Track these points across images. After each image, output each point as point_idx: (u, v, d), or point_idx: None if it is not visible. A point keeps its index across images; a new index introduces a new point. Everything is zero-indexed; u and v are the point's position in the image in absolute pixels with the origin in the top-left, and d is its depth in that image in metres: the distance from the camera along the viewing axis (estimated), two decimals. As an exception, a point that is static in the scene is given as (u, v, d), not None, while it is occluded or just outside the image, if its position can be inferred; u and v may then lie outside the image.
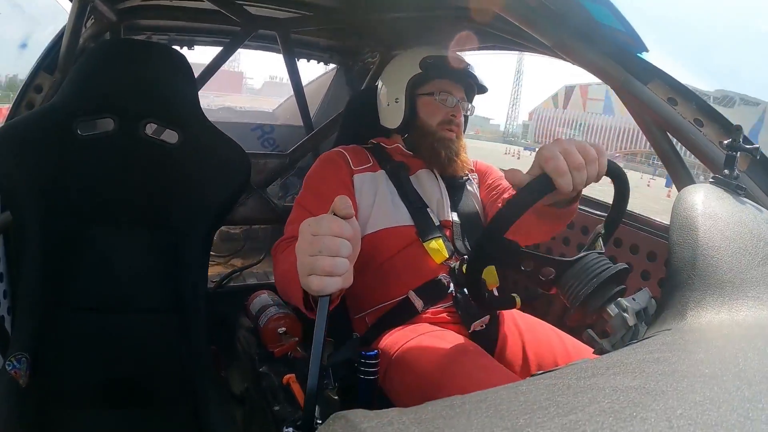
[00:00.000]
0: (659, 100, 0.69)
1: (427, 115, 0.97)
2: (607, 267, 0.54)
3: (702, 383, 0.32)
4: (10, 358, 0.80)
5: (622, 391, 0.32)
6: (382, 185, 0.93)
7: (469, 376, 0.67)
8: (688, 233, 0.47)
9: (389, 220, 0.90)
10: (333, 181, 0.91)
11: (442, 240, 0.90)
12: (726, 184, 0.55)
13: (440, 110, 0.96)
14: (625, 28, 0.72)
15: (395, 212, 0.91)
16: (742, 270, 0.43)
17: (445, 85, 0.97)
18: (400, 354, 0.77)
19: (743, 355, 0.35)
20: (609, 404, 0.30)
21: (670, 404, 0.30)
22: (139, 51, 1.00)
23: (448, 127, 0.96)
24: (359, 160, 0.95)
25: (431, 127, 0.96)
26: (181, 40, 1.57)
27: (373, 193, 0.91)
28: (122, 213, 0.95)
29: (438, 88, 0.96)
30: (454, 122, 0.96)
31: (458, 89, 0.98)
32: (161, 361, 0.93)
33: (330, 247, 0.45)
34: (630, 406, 0.30)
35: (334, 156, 0.96)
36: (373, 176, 0.94)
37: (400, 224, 0.90)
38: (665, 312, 0.44)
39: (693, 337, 0.39)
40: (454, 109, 0.96)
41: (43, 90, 1.06)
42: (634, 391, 0.32)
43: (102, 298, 0.92)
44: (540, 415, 0.30)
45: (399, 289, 0.87)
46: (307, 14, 1.31)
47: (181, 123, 0.97)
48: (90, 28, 1.13)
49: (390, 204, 0.91)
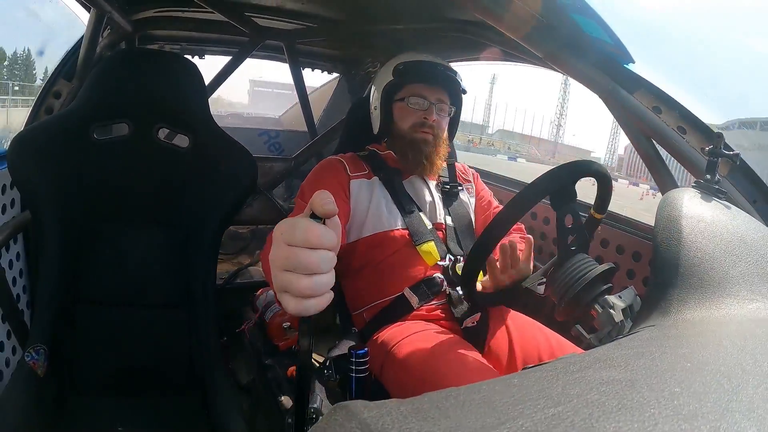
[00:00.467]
0: (644, 109, 0.70)
1: (400, 120, 0.96)
2: (594, 267, 0.54)
3: (684, 376, 0.32)
4: (29, 349, 0.80)
5: (608, 384, 0.32)
6: (376, 191, 0.93)
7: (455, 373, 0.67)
8: (671, 234, 0.47)
9: (384, 224, 0.90)
10: (330, 183, 0.91)
11: (434, 243, 0.90)
12: (707, 189, 0.55)
13: (412, 114, 0.95)
14: (612, 40, 0.72)
15: (389, 217, 0.91)
16: (722, 269, 0.43)
17: (418, 89, 0.95)
18: (396, 350, 0.78)
19: (723, 349, 0.36)
20: (596, 396, 0.31)
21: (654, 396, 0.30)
22: (152, 60, 1.01)
23: (422, 129, 0.94)
24: (355, 167, 0.95)
25: (403, 131, 0.95)
26: (193, 50, 1.57)
27: (368, 198, 0.92)
28: (136, 213, 0.96)
29: (410, 93, 0.95)
30: (427, 124, 0.94)
31: (433, 92, 0.95)
32: (172, 352, 0.94)
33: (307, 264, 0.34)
34: (616, 398, 0.30)
35: (332, 162, 0.97)
36: (368, 183, 0.94)
37: (393, 228, 0.90)
38: (649, 309, 0.44)
39: (676, 333, 0.39)
40: (426, 112, 0.94)
41: (61, 96, 1.07)
42: (620, 384, 0.32)
43: (116, 292, 0.93)
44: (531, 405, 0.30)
45: (395, 287, 0.87)
46: (312, 26, 1.32)
47: (192, 128, 0.98)
48: (106, 38, 1.13)
49: (384, 209, 0.91)
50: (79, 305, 0.90)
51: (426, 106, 0.94)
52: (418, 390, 0.67)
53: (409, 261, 0.88)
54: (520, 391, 0.33)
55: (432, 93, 0.95)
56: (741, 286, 0.42)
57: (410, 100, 0.95)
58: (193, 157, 0.97)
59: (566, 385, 0.33)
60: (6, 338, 0.94)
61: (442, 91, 0.96)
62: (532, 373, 0.37)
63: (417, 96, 0.95)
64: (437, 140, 0.95)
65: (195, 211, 0.97)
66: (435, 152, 0.94)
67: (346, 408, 0.31)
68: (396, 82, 0.96)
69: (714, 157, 0.56)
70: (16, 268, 1.00)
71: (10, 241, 0.96)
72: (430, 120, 0.94)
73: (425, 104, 0.94)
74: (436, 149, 0.95)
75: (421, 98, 0.95)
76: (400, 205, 0.92)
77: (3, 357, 0.92)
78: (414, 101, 0.95)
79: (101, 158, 0.93)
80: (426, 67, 0.96)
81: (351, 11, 1.22)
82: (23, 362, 0.79)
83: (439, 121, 0.95)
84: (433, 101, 0.95)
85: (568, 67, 0.76)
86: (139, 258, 0.95)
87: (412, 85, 0.95)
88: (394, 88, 0.97)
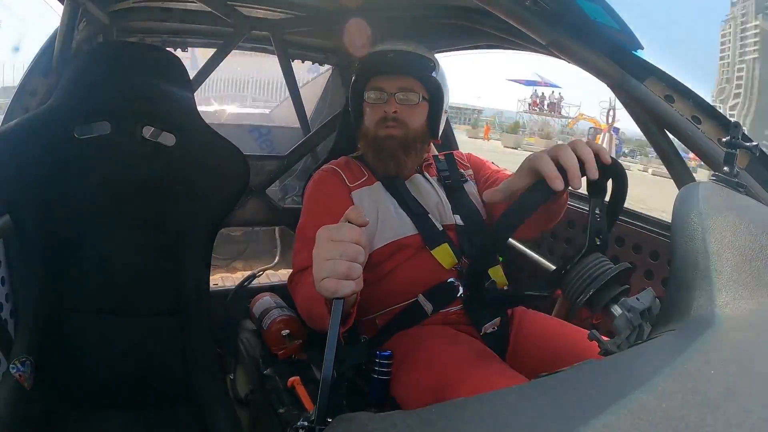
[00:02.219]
0: (656, 98, 0.69)
1: (366, 118, 0.92)
2: (609, 267, 0.54)
3: (710, 384, 0.32)
4: (14, 361, 0.79)
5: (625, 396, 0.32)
6: (381, 198, 0.90)
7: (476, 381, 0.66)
8: (689, 231, 0.46)
9: (395, 232, 0.88)
10: (331, 203, 0.88)
11: (448, 245, 0.87)
12: (726, 182, 0.55)
13: (373, 110, 0.90)
14: (620, 26, 0.71)
15: (400, 224, 0.88)
16: (745, 268, 0.43)
17: (377, 81, 0.90)
18: (412, 356, 0.77)
19: (751, 353, 0.35)
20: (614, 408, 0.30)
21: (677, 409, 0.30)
22: (133, 53, 0.99)
23: (384, 125, 0.89)
24: (354, 175, 0.93)
25: (369, 130, 0.91)
26: (175, 42, 1.54)
27: (374, 207, 0.89)
28: (122, 215, 0.94)
29: (369, 87, 0.91)
30: (389, 117, 0.88)
31: (393, 81, 0.89)
32: (165, 362, 0.93)
33: (349, 252, 0.48)
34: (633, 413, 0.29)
35: (327, 176, 0.93)
36: (370, 190, 0.91)
37: (405, 235, 0.88)
38: (670, 312, 0.43)
39: (698, 337, 0.39)
40: (386, 104, 0.89)
41: (37, 94, 1.05)
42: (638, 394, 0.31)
43: (103, 300, 0.92)
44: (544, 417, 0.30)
45: (408, 293, 0.86)
46: (300, 15, 1.30)
47: (177, 125, 0.96)
48: (82, 31, 1.11)
49: (393, 216, 0.88)
50: (65, 314, 0.89)
51: (385, 98, 0.89)
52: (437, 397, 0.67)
53: (422, 266, 0.87)
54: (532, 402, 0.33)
55: (391, 83, 0.89)
56: (764, 285, 0.42)
57: (368, 95, 0.91)
58: (179, 156, 0.96)
59: (582, 398, 0.33)
60: None
61: (405, 78, 0.90)
62: (546, 382, 0.36)
63: (374, 89, 0.90)
64: (407, 134, 0.89)
65: (184, 214, 0.96)
66: (402, 149, 0.89)
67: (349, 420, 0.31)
68: (358, 79, 0.93)
69: (732, 148, 0.56)
70: None
71: None
72: (390, 112, 0.88)
73: (384, 96, 0.89)
74: (405, 145, 0.89)
75: (378, 91, 0.90)
76: (407, 209, 0.89)
77: None
78: (372, 96, 0.91)
79: (83, 159, 0.91)
80: (379, 57, 0.91)
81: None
82: (8, 374, 0.79)
83: (405, 112, 0.89)
84: (392, 91, 0.89)
85: (574, 55, 0.75)
86: (127, 263, 0.93)
87: (373, 79, 0.91)
88: (359, 86, 0.93)
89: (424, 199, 0.92)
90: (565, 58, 0.79)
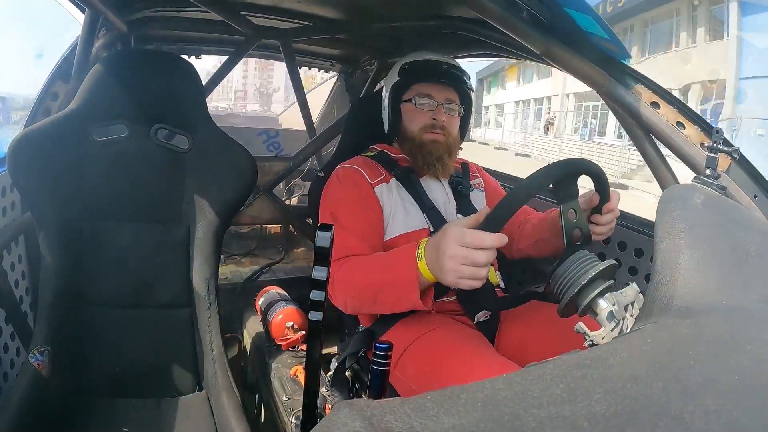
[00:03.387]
0: (643, 104, 0.69)
1: (409, 121, 0.93)
2: (595, 263, 0.54)
3: (689, 374, 0.32)
4: (33, 350, 0.80)
5: (610, 382, 0.32)
6: (395, 193, 0.91)
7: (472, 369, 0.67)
8: (671, 230, 0.47)
9: (405, 225, 0.89)
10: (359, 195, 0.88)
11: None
12: (707, 184, 0.55)
13: (420, 115, 0.92)
14: (609, 36, 0.72)
15: (409, 217, 0.89)
16: (724, 264, 0.43)
17: (425, 88, 0.92)
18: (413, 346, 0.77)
19: (729, 345, 0.35)
20: (599, 395, 0.30)
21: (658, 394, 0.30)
22: (149, 60, 1.00)
23: (432, 131, 0.91)
24: (373, 173, 0.93)
25: (413, 133, 0.92)
26: (189, 50, 1.55)
27: (390, 203, 0.90)
28: (137, 213, 0.95)
29: (417, 93, 0.93)
30: (437, 125, 0.91)
31: (441, 91, 0.92)
32: (176, 352, 0.94)
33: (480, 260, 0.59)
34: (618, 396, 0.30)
35: (351, 172, 0.93)
36: (387, 186, 0.92)
37: (415, 228, 0.89)
38: (652, 306, 0.44)
39: (678, 330, 0.39)
40: (435, 112, 0.91)
41: (59, 98, 1.06)
42: (622, 382, 0.32)
43: (119, 293, 0.92)
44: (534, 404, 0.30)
45: None
46: (309, 24, 1.30)
47: (190, 128, 0.97)
48: (102, 39, 1.12)
49: (403, 210, 0.90)
50: (82, 307, 0.90)
51: (434, 106, 0.92)
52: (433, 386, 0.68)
53: None
54: (523, 389, 0.33)
55: (440, 92, 0.92)
56: (742, 281, 0.42)
57: (417, 100, 0.92)
58: (192, 158, 0.97)
59: (570, 384, 0.33)
60: (10, 340, 0.94)
61: (450, 89, 0.93)
62: (535, 371, 0.37)
63: (424, 96, 0.92)
64: (449, 140, 0.92)
65: (196, 211, 0.97)
66: (447, 153, 0.92)
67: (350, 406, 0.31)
68: (402, 82, 0.94)
69: (713, 152, 0.56)
70: (18, 270, 0.99)
71: (11, 244, 0.96)
72: (440, 120, 0.91)
73: (433, 104, 0.92)
74: (448, 150, 0.92)
75: (428, 98, 0.92)
76: (420, 202, 0.91)
77: (7, 359, 0.92)
78: (421, 101, 0.92)
79: (101, 159, 0.92)
80: (431, 66, 0.93)
81: (347, 9, 1.20)
82: (27, 364, 0.79)
83: (449, 121, 0.93)
84: (441, 101, 0.92)
85: (566, 64, 0.75)
86: (142, 259, 0.94)
87: (419, 84, 0.93)
88: (401, 88, 0.94)
89: (434, 196, 0.94)
90: (558, 66, 0.79)
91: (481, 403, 0.31)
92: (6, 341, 0.92)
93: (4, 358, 0.90)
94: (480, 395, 0.32)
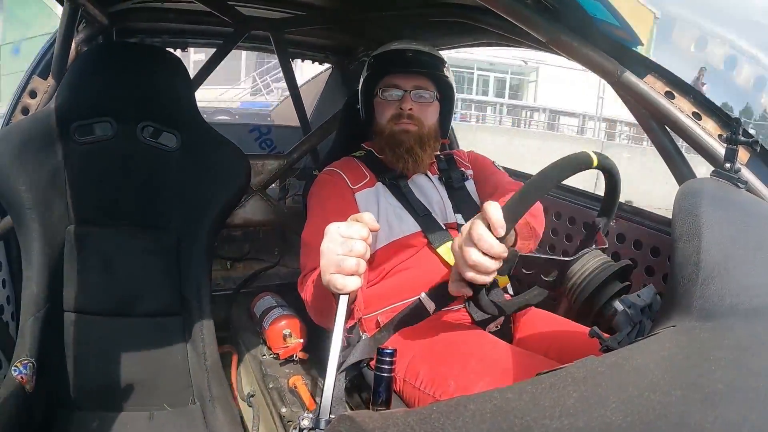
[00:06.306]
0: (656, 94, 0.68)
1: (379, 115, 0.94)
2: (609, 264, 0.54)
3: (710, 381, 0.32)
4: (16, 363, 0.80)
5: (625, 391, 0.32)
6: (382, 198, 0.91)
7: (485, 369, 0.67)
8: (690, 228, 0.46)
9: (396, 232, 0.88)
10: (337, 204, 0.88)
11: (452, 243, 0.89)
12: (727, 178, 0.54)
13: (388, 106, 0.92)
14: (619, 23, 0.71)
15: (400, 224, 0.89)
16: (745, 264, 0.43)
17: (392, 79, 0.92)
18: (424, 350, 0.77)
19: (751, 350, 0.35)
20: (615, 404, 0.30)
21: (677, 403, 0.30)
22: (133, 54, 0.99)
23: (400, 121, 0.91)
24: (355, 177, 0.93)
25: (383, 126, 0.93)
26: (174, 43, 1.54)
27: (375, 209, 0.90)
28: (123, 217, 0.95)
29: (384, 84, 0.93)
30: (404, 114, 0.90)
31: (408, 79, 0.92)
32: (167, 363, 0.94)
33: (359, 249, 0.51)
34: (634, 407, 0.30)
35: (330, 178, 0.93)
36: (373, 191, 0.92)
37: (407, 234, 0.88)
38: (670, 308, 0.43)
39: (698, 334, 0.39)
40: (401, 101, 0.91)
41: (37, 95, 1.05)
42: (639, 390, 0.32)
43: (105, 301, 0.92)
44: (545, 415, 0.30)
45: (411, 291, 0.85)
46: (300, 14, 1.29)
47: (178, 125, 0.97)
48: (82, 32, 1.11)
49: (393, 216, 0.89)
50: (67, 315, 0.89)
51: (400, 95, 0.91)
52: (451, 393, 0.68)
53: (425, 265, 0.87)
54: (534, 399, 0.33)
55: (406, 81, 0.92)
56: (766, 281, 0.42)
57: (384, 92, 0.93)
58: (181, 157, 0.96)
59: (583, 393, 0.33)
60: None
61: (419, 77, 0.92)
62: (547, 380, 0.36)
63: (390, 87, 0.92)
64: (421, 130, 0.91)
65: (186, 214, 0.96)
66: (418, 144, 0.91)
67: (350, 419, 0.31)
68: (371, 76, 0.94)
69: (732, 144, 0.56)
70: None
71: None
72: (406, 109, 0.90)
73: (399, 94, 0.91)
74: (420, 140, 0.91)
75: (394, 88, 0.92)
76: (411, 209, 0.90)
77: None
78: (387, 93, 0.92)
79: (84, 159, 0.91)
80: (396, 56, 0.93)
81: (341, -3, 1.20)
82: (10, 377, 0.79)
83: (420, 110, 0.92)
84: (407, 89, 0.91)
85: (574, 52, 0.75)
86: (129, 265, 0.94)
87: (387, 77, 0.93)
88: (371, 83, 0.95)
89: (426, 197, 0.93)
90: (565, 55, 0.79)
91: (490, 413, 0.31)
92: None
93: None
94: (489, 406, 0.32)
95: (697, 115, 0.66)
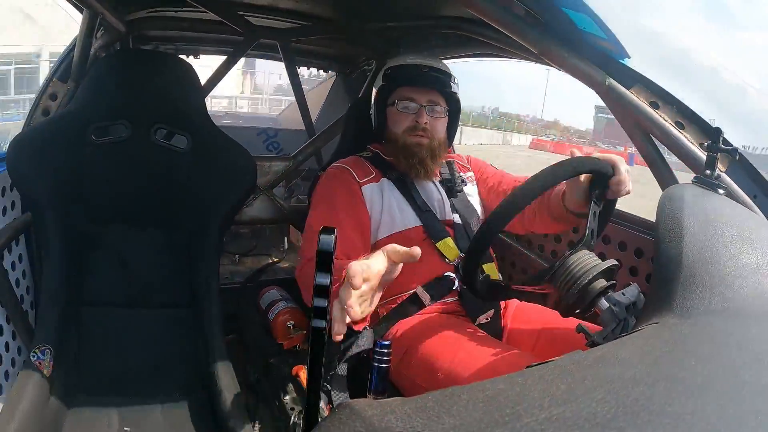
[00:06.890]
0: (642, 104, 0.69)
1: (393, 124, 0.95)
2: (596, 264, 0.54)
3: (690, 374, 0.32)
4: (35, 349, 0.80)
5: (611, 383, 0.32)
6: (387, 193, 0.92)
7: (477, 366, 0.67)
8: (672, 230, 0.46)
9: (397, 225, 0.89)
10: (344, 193, 0.89)
11: (451, 239, 0.90)
12: (707, 184, 0.55)
13: (403, 118, 0.93)
14: (607, 36, 0.71)
15: (402, 217, 0.90)
16: (724, 265, 0.43)
17: (407, 92, 0.93)
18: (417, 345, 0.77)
19: (729, 345, 0.35)
20: (600, 395, 0.30)
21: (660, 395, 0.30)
22: (148, 60, 1.00)
23: (415, 133, 0.92)
24: (363, 173, 0.94)
25: (397, 135, 0.94)
26: (187, 50, 1.55)
27: (380, 201, 0.91)
28: (137, 213, 0.95)
29: (399, 96, 0.94)
30: (419, 127, 0.92)
31: (423, 94, 0.93)
32: (178, 352, 0.94)
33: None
34: (619, 396, 0.30)
35: (339, 172, 0.94)
36: (377, 186, 0.93)
37: (408, 227, 0.90)
38: (653, 306, 0.43)
39: (679, 330, 0.39)
40: (416, 115, 0.92)
41: (57, 98, 1.05)
42: (623, 382, 0.32)
43: (120, 294, 0.92)
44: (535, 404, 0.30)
45: (408, 284, 0.86)
46: (307, 24, 1.30)
47: (190, 128, 0.97)
48: (100, 39, 1.11)
49: (396, 210, 0.91)
50: (83, 306, 0.90)
51: (416, 109, 0.93)
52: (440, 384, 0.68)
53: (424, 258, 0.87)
54: (524, 389, 0.33)
55: (421, 95, 0.93)
56: (743, 281, 0.42)
57: (400, 103, 0.94)
58: (192, 158, 0.97)
59: (571, 384, 0.33)
60: (11, 339, 0.94)
61: (432, 92, 0.94)
62: (537, 372, 0.36)
63: (406, 99, 0.93)
64: (432, 143, 0.93)
65: (196, 212, 0.96)
66: (430, 156, 0.93)
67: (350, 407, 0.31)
68: (386, 86, 0.95)
69: (713, 152, 0.56)
70: (19, 269, 0.99)
71: (12, 243, 0.95)
72: (422, 123, 0.92)
73: (415, 107, 0.93)
74: (431, 153, 0.93)
75: (409, 101, 0.93)
76: (414, 204, 0.91)
77: (9, 357, 0.92)
78: (403, 105, 0.93)
79: (100, 159, 0.92)
80: (412, 70, 0.94)
81: (344, 9, 1.20)
82: (29, 362, 0.79)
83: (432, 123, 0.93)
84: (423, 103, 0.93)
85: (564, 63, 0.75)
86: (142, 259, 0.94)
87: (401, 88, 0.94)
88: (385, 92, 0.96)
89: (428, 196, 0.94)
90: (556, 66, 0.79)
91: (483, 403, 0.31)
92: (7, 340, 0.92)
93: (5, 356, 0.90)
94: (481, 395, 0.32)
95: (680, 125, 0.66)
